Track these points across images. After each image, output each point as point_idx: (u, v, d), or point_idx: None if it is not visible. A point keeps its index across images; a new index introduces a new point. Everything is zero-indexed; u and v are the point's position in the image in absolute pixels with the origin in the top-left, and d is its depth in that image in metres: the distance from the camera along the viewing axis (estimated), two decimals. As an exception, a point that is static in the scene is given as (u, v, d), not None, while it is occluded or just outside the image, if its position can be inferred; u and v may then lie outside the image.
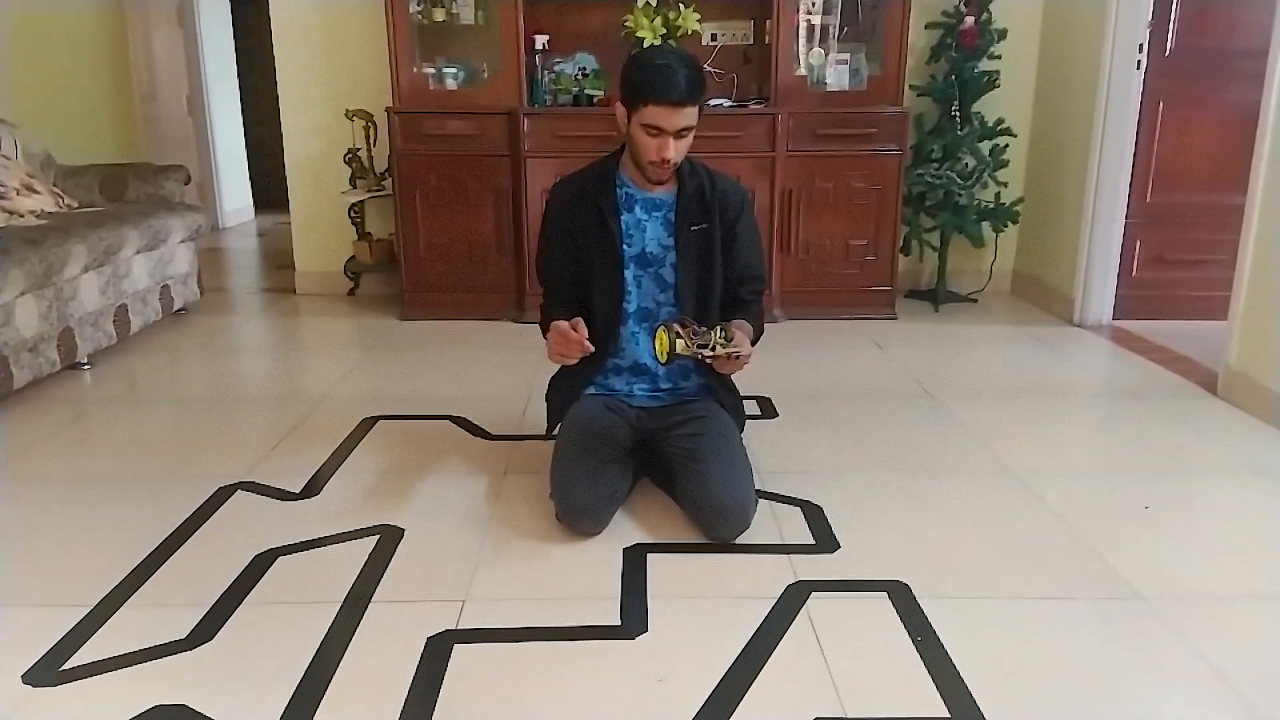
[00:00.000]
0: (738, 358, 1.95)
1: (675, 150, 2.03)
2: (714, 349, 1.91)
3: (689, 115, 2.01)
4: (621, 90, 2.06)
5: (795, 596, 1.83)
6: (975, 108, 4.13)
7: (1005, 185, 4.25)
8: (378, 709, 1.49)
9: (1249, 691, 1.55)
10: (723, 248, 2.18)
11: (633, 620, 1.75)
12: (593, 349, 2.00)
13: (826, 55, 4.06)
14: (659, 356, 1.94)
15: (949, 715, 1.48)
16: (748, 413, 2.50)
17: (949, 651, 1.64)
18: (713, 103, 4.01)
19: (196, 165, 6.37)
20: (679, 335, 1.91)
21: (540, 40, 4.02)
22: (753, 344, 2.18)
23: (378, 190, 4.32)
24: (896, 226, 4.03)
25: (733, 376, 2.24)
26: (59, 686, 1.56)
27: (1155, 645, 1.68)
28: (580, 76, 4.06)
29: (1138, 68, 3.72)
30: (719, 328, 1.96)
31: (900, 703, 1.52)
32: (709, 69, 4.15)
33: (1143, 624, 1.75)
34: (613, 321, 2.19)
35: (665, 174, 2.11)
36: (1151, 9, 3.67)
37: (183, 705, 1.50)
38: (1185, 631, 1.72)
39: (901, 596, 1.83)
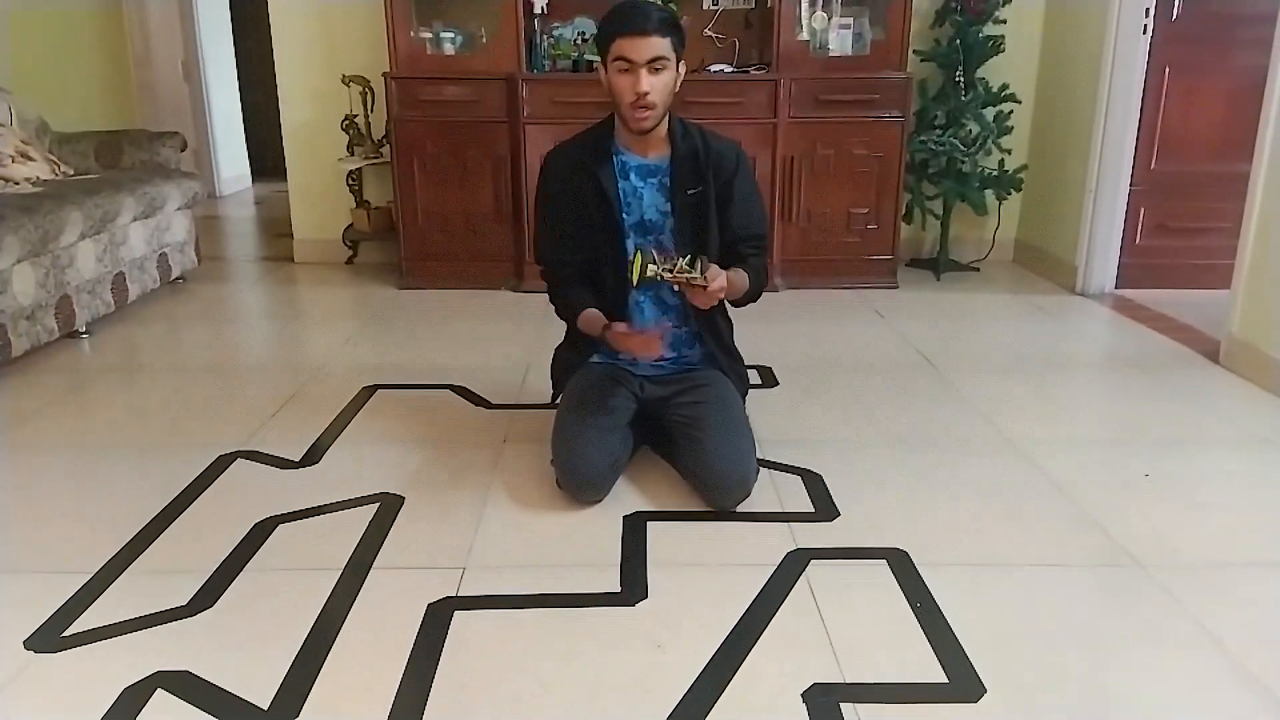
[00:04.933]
0: (704, 288, 1.90)
1: (649, 85, 1.96)
2: (675, 272, 1.89)
3: (658, 45, 1.95)
4: (596, 48, 2.05)
5: (795, 564, 1.83)
6: (979, 73, 4.09)
7: (1009, 152, 4.21)
8: (379, 674, 1.50)
9: (1247, 659, 1.55)
10: (718, 209, 2.14)
11: (633, 587, 1.75)
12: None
13: (829, 20, 4.00)
14: (632, 279, 1.92)
15: (947, 681, 1.49)
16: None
17: (948, 618, 1.65)
18: (713, 68, 3.97)
19: (192, 132, 6.31)
20: (652, 261, 1.90)
21: (539, 4, 3.95)
22: (753, 298, 2.18)
23: (375, 157, 4.27)
24: (899, 194, 4.00)
25: (737, 344, 2.23)
26: (61, 652, 1.57)
27: (1154, 613, 1.69)
28: (580, 41, 4.01)
29: (1144, 33, 3.67)
30: (693, 256, 1.94)
31: (899, 669, 1.52)
32: (710, 34, 4.11)
33: (1142, 592, 1.75)
34: (620, 290, 2.17)
35: (646, 117, 2.01)
36: (1159, -27, 3.62)
37: (184, 671, 1.51)
38: (1184, 599, 1.72)
39: (901, 564, 1.83)
